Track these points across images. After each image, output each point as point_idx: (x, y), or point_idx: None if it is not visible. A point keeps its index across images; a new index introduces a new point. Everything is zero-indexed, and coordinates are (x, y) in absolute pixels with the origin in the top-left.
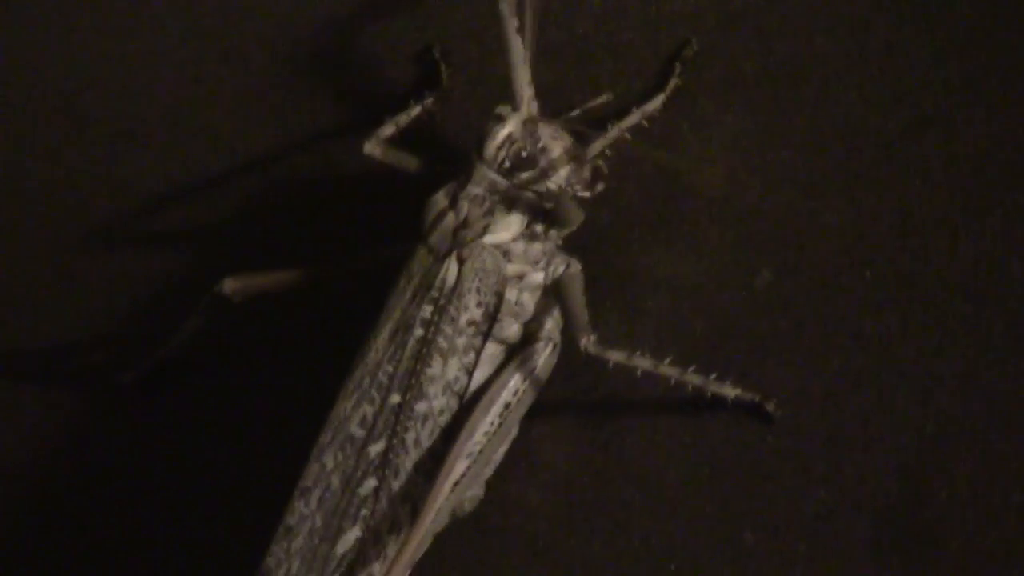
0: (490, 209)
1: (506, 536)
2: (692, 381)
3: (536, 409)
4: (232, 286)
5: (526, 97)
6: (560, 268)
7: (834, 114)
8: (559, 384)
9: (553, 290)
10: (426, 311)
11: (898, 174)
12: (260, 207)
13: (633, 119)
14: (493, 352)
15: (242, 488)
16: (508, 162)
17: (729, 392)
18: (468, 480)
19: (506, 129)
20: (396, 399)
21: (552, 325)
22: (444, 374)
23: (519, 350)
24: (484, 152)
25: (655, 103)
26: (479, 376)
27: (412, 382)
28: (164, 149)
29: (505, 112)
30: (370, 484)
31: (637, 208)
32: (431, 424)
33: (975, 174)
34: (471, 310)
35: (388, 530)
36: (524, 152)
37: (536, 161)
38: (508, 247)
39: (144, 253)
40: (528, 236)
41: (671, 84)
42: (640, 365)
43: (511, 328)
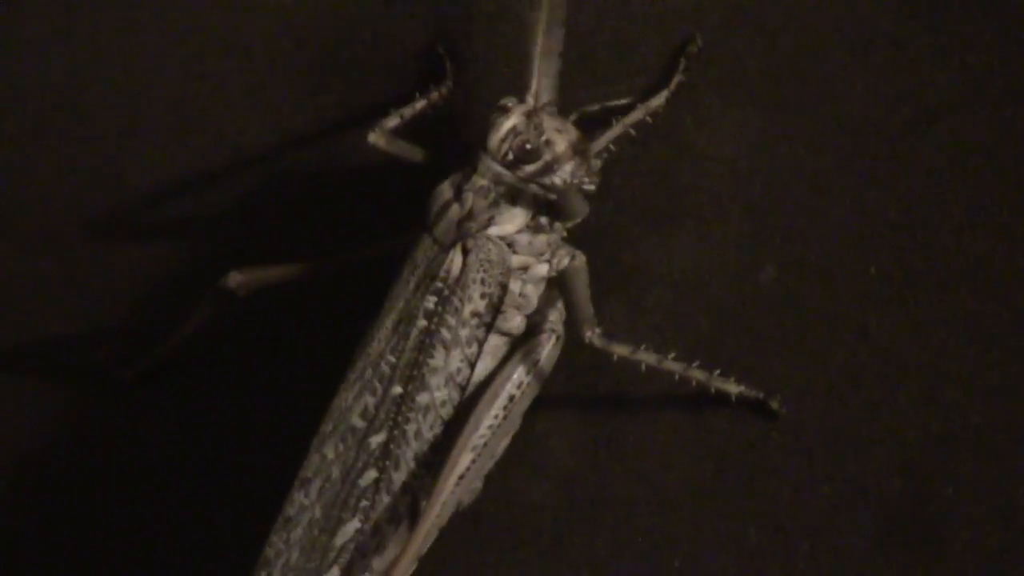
0: (495, 201)
1: (509, 532)
2: (696, 377)
3: (539, 405)
4: (237, 280)
5: (541, 90)
6: (565, 260)
7: (839, 110)
8: (562, 380)
9: (557, 283)
10: (430, 302)
11: (903, 170)
12: (264, 200)
13: (637, 115)
14: (496, 344)
15: (242, 479)
16: (512, 154)
17: (733, 389)
18: (472, 474)
19: (510, 121)
20: (398, 390)
21: (556, 317)
22: (447, 365)
23: (522, 342)
24: (488, 144)
25: (659, 99)
26: (481, 368)
27: (414, 373)
28: (168, 142)
29: (510, 104)
30: (371, 475)
31: (641, 202)
32: (433, 416)
33: (980, 170)
34: (475, 301)
35: (388, 521)
36: (528, 145)
37: (540, 154)
38: (513, 239)
39: (148, 247)
40: (533, 228)
41: (675, 80)
42: (644, 360)
43: (515, 320)
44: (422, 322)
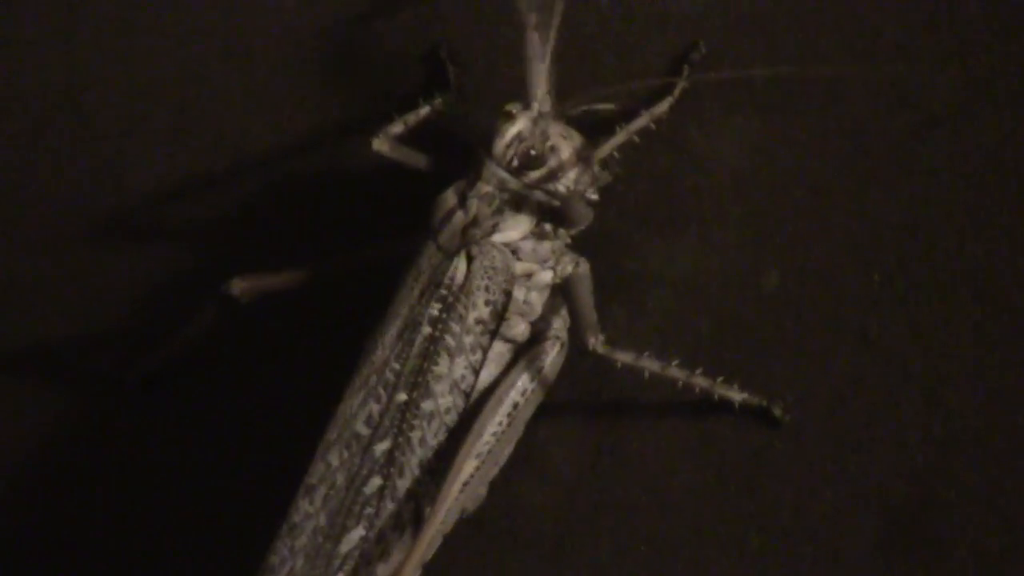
0: (499, 208)
1: (512, 538)
2: (699, 384)
3: (542, 411)
4: (240, 286)
5: (539, 95)
6: (569, 267)
7: (841, 115)
8: (565, 386)
9: (561, 289)
10: (434, 309)
11: (906, 175)
12: (267, 205)
13: (641, 122)
14: (500, 351)
15: (246, 485)
16: (517, 160)
17: (736, 396)
18: (477, 480)
19: (515, 127)
20: (403, 397)
21: (560, 324)
22: (451, 372)
23: (526, 349)
24: (493, 150)
25: (663, 106)
26: (485, 375)
27: (419, 380)
28: (170, 146)
29: (515, 110)
30: (375, 482)
31: (644, 208)
32: (437, 423)
33: (983, 175)
34: (479, 308)
35: (392, 529)
36: (533, 151)
37: (545, 160)
38: (517, 245)
39: (149, 251)
40: (537, 235)
41: (678, 88)
42: (647, 367)
43: (519, 327)
44: (427, 329)
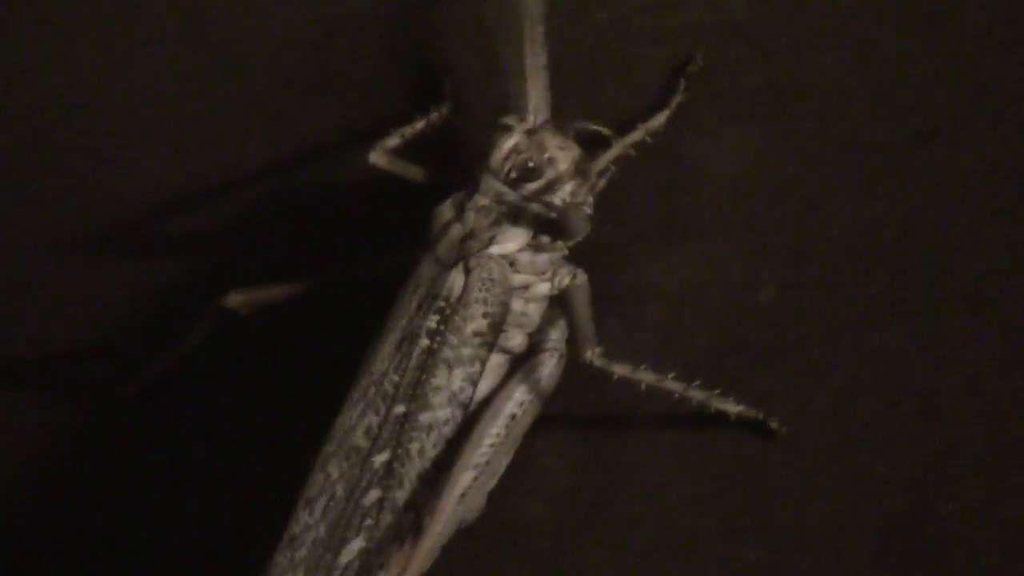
0: (497, 220)
1: (508, 550)
2: (695, 396)
3: (540, 423)
4: (236, 299)
5: (535, 108)
6: (566, 279)
7: (838, 127)
8: (562, 398)
9: (559, 301)
10: (432, 321)
11: (902, 187)
12: (264, 217)
13: (637, 135)
14: (498, 363)
15: (245, 497)
16: (514, 173)
17: (732, 408)
18: (474, 491)
19: (512, 139)
20: (401, 409)
21: (557, 336)
22: (449, 384)
23: (524, 361)
24: (490, 162)
25: (659, 119)
26: (484, 387)
27: (417, 392)
28: (168, 159)
29: (512, 122)
30: (374, 494)
31: (641, 220)
32: (435, 435)
33: (980, 187)
34: (477, 320)
35: (392, 540)
36: (530, 163)
37: (543, 172)
38: (515, 257)
39: (146, 263)
40: (534, 247)
41: (675, 100)
42: (644, 379)
43: (516, 339)
44: (424, 341)
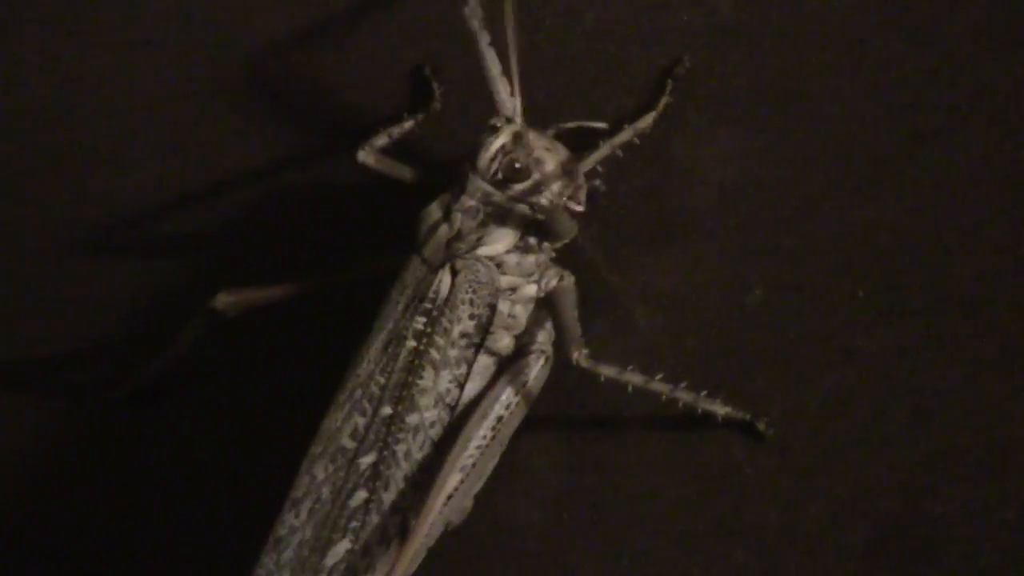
0: (484, 221)
1: (496, 553)
2: (683, 398)
3: (527, 425)
4: (225, 301)
5: (517, 108)
6: (553, 281)
7: (827, 130)
8: (549, 400)
9: (546, 303)
10: (419, 322)
11: (892, 190)
12: (253, 220)
13: (624, 136)
14: (485, 364)
15: (232, 499)
16: (501, 173)
17: (720, 410)
18: (461, 493)
19: (499, 140)
20: (387, 411)
21: (544, 338)
22: (436, 386)
23: (511, 363)
24: (477, 163)
25: (646, 121)
26: (471, 388)
27: (404, 394)
28: (158, 162)
29: (499, 123)
30: (360, 496)
31: (629, 223)
32: (422, 436)
33: (971, 189)
34: (464, 322)
35: (377, 542)
36: (517, 163)
37: (529, 173)
38: (502, 259)
39: (136, 266)
40: (522, 248)
41: (663, 102)
42: (631, 380)
43: (503, 340)
44: (411, 343)
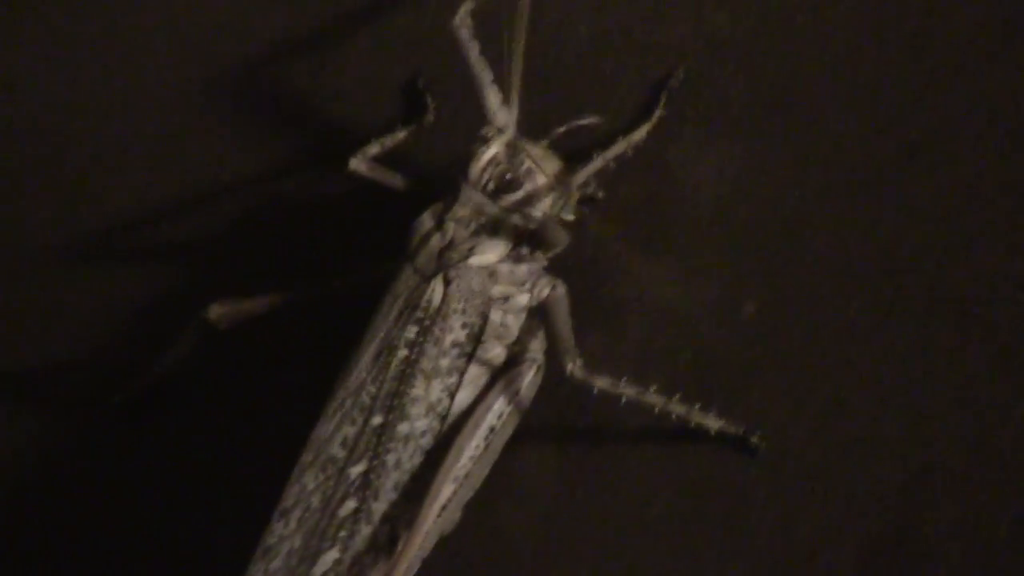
0: (476, 231)
1: (489, 565)
2: (676, 411)
3: (520, 437)
4: (217, 312)
5: (508, 119)
6: (545, 290)
7: (822, 143)
8: (542, 412)
9: (539, 313)
10: (411, 332)
11: (886, 203)
12: (246, 230)
13: (618, 148)
14: (476, 374)
15: (221, 508)
16: (493, 184)
17: (713, 424)
18: (454, 504)
19: (491, 151)
20: (378, 420)
21: (537, 347)
22: (427, 395)
23: (503, 372)
24: (470, 173)
25: (640, 133)
26: (462, 398)
27: (395, 403)
28: (149, 171)
29: (490, 133)
30: (350, 505)
31: (623, 234)
32: (413, 445)
33: (963, 204)
34: (456, 331)
35: (367, 551)
36: (509, 174)
37: (521, 184)
38: (494, 268)
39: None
40: (514, 258)
41: (656, 114)
42: (625, 392)
43: (495, 350)
44: (403, 352)
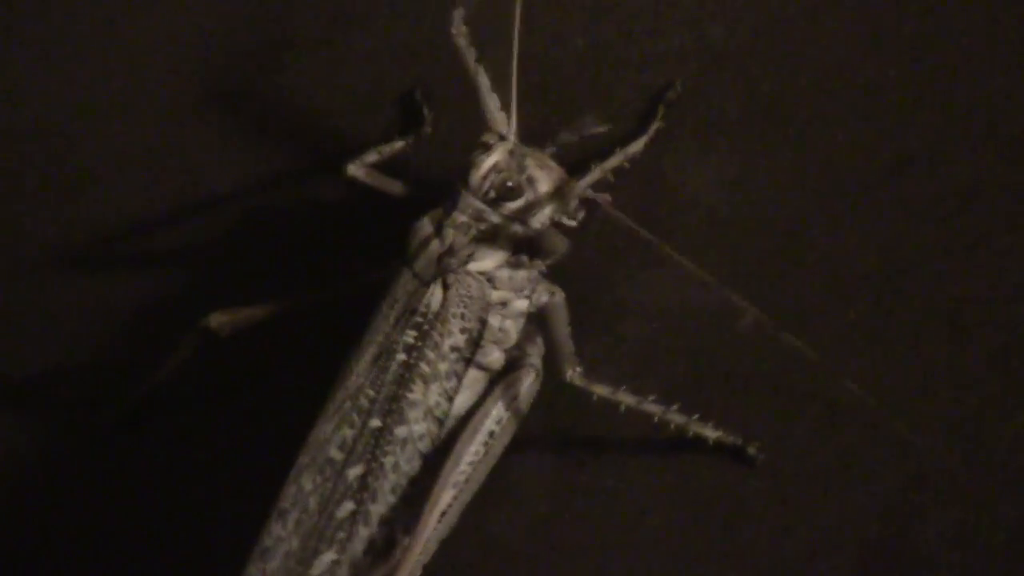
0: (475, 237)
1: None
2: (674, 420)
3: (517, 446)
4: (218, 320)
5: (508, 126)
6: (544, 297)
7: (817, 153)
8: (540, 421)
9: (537, 319)
10: (409, 336)
11: (881, 214)
12: (245, 238)
13: (615, 160)
14: (475, 378)
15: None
16: (493, 192)
17: (711, 434)
18: (455, 510)
19: (492, 158)
20: (376, 423)
21: (535, 353)
22: (426, 399)
23: (502, 377)
24: (470, 181)
25: (637, 145)
26: (460, 403)
27: (393, 407)
28: (147, 180)
29: (492, 140)
30: (348, 507)
31: (620, 244)
32: (411, 449)
33: (958, 214)
34: (454, 336)
35: (364, 553)
36: (510, 182)
37: (522, 192)
38: (493, 274)
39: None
40: (513, 264)
41: (653, 126)
42: (623, 401)
43: (493, 355)
44: (401, 356)
